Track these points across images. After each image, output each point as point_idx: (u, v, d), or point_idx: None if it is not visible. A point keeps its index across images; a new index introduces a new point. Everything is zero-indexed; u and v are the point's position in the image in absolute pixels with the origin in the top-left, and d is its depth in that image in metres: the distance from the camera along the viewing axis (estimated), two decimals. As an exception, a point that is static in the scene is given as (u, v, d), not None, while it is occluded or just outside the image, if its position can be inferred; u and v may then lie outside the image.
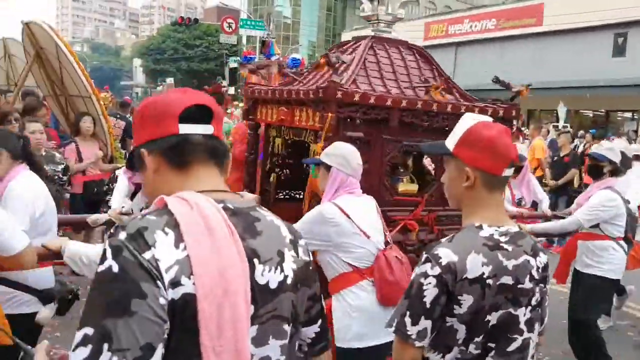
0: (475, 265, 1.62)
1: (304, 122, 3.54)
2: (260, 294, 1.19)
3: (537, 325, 1.78)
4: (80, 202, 6.07)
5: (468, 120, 1.76)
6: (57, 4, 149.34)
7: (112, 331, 1.01)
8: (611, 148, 4.60)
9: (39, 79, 7.36)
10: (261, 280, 1.19)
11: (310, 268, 1.38)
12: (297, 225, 2.58)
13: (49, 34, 6.28)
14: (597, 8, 22.55)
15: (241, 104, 27.07)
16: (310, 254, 1.40)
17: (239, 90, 45.81)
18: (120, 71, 77.65)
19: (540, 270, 1.75)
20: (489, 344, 1.66)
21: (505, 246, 1.68)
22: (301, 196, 4.39)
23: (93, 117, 6.31)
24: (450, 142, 1.76)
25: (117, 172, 5.89)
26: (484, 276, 1.62)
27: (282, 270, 1.24)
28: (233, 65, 42.82)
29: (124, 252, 1.07)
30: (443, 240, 1.73)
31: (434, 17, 38.07)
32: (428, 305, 1.62)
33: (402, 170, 3.95)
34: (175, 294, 1.08)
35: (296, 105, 3.62)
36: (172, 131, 1.23)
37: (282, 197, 4.53)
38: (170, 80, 24.97)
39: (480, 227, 1.70)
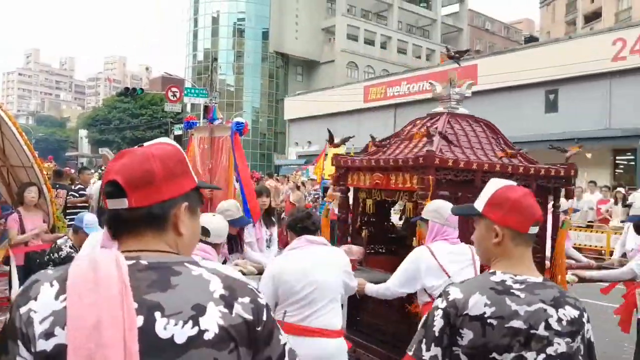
0: (477, 305, 1.78)
1: (400, 185, 4.30)
2: (158, 348, 1.15)
3: None
4: (21, 273, 5.96)
5: (494, 184, 1.98)
6: (3, 78, 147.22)
7: None
8: None
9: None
10: (162, 334, 1.16)
11: (258, 328, 1.27)
12: (400, 267, 3.68)
13: (-11, 105, 6.34)
14: (528, 67, 23.95)
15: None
16: (260, 313, 1.29)
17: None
18: (65, 142, 76.59)
19: (564, 322, 1.81)
20: None
21: (517, 292, 1.81)
22: (383, 250, 5.33)
23: (37, 187, 6.32)
24: (480, 204, 1.96)
25: (58, 241, 5.87)
26: (485, 315, 1.77)
27: (195, 325, 1.18)
28: (178, 132, 42.96)
29: (12, 307, 1.20)
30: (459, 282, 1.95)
31: (373, 80, 39.35)
32: (437, 334, 1.81)
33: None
34: (47, 345, 1.13)
35: (392, 171, 4.37)
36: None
37: (369, 251, 5.13)
38: (104, 150, 24.55)
39: (493, 273, 1.89)
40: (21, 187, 6.40)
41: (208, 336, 1.18)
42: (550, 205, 4.75)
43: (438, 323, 1.82)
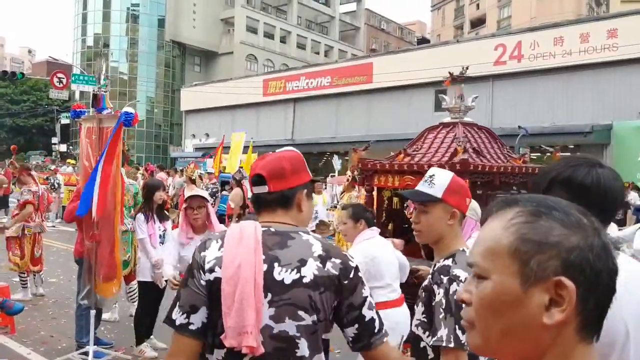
0: None
1: None
2: (274, 286, 1.74)
3: None
4: None
5: (446, 173, 2.33)
6: None
7: (181, 294, 1.81)
8: None
9: None
10: (277, 277, 1.75)
11: (340, 282, 1.77)
12: None
13: None
14: (420, 67, 24.84)
15: (73, 161, 25.30)
16: (346, 272, 1.79)
17: (71, 148, 43.12)
18: None
19: None
20: None
21: None
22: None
23: None
24: (437, 191, 2.27)
25: None
26: None
27: (298, 272, 1.74)
28: (65, 121, 40.45)
29: (195, 252, 1.86)
30: (445, 263, 2.18)
31: (272, 74, 39.22)
32: None
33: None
34: (210, 277, 1.77)
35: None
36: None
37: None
38: None
39: (463, 251, 2.22)
40: None
41: (305, 280, 1.74)
42: None
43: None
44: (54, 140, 41.92)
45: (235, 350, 1.72)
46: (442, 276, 2.13)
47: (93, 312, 5.33)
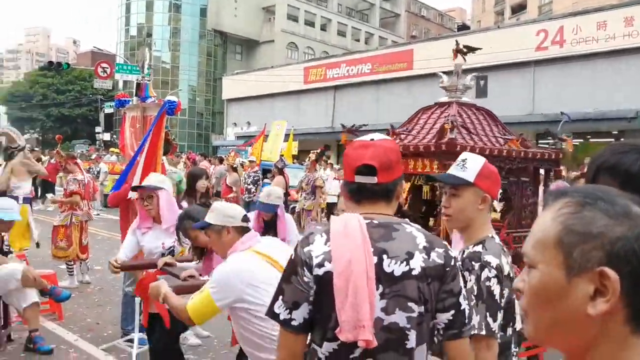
0: (506, 265, 2.19)
1: (419, 169, 4.64)
2: (385, 278, 1.75)
3: None
4: None
5: (478, 159, 2.35)
6: None
7: (284, 289, 1.82)
8: None
9: None
10: (387, 269, 1.75)
11: (447, 269, 1.80)
12: None
13: None
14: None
15: (117, 150, 25.83)
16: (449, 261, 1.82)
17: (115, 137, 43.99)
18: (-19, 119, 71.96)
19: None
20: (511, 326, 2.24)
21: (505, 249, 2.29)
22: None
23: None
24: (469, 175, 2.28)
25: None
26: (510, 274, 2.19)
27: (407, 264, 1.75)
28: (109, 110, 41.26)
29: (297, 247, 1.86)
30: (475, 249, 2.22)
31: (313, 61, 39.10)
32: (499, 301, 2.11)
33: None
34: (320, 271, 1.76)
35: (411, 157, 4.70)
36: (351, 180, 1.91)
37: None
38: (5, 128, 22.65)
39: (493, 238, 2.29)
40: None
41: (414, 272, 1.75)
42: (541, 185, 5.28)
43: (497, 290, 2.12)
44: (98, 129, 42.76)
45: (347, 344, 1.73)
46: (473, 262, 2.17)
47: (138, 299, 5.34)
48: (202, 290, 2.87)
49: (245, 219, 3.12)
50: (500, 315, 2.10)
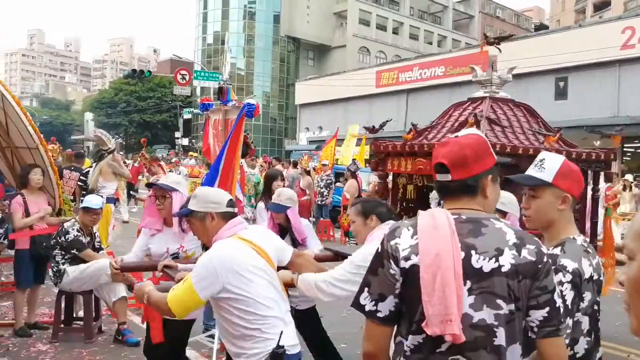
0: (588, 268, 2.11)
1: None
2: (473, 274, 1.73)
3: None
4: (27, 257, 5.74)
5: (557, 158, 2.28)
6: (5, 59, 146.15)
7: (370, 281, 1.85)
8: None
9: (-18, 132, 7.07)
10: (476, 265, 1.74)
11: (539, 266, 1.76)
12: None
13: (-6, 85, 6.06)
14: (538, 54, 23.62)
15: (195, 154, 26.50)
16: (541, 257, 1.78)
17: (193, 142, 45.37)
18: (70, 125, 75.91)
19: None
20: (599, 333, 2.18)
21: (590, 250, 2.20)
22: None
23: (42, 169, 6.05)
24: (547, 175, 2.22)
25: (65, 225, 5.63)
26: (592, 276, 2.12)
27: (497, 261, 1.73)
28: (187, 116, 42.68)
29: (383, 240, 1.88)
30: (554, 251, 2.15)
31: (385, 65, 38.96)
32: (570, 307, 2.03)
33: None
34: (406, 264, 1.78)
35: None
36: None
37: None
38: (97, 131, 23.22)
39: (575, 239, 2.21)
40: (25, 169, 6.11)
41: (504, 269, 1.73)
42: (590, 189, 4.87)
43: (570, 295, 2.05)
44: (177, 134, 44.34)
45: (433, 338, 1.73)
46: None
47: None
48: (184, 280, 2.68)
49: (231, 204, 2.91)
50: (569, 321, 2.03)
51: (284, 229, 4.67)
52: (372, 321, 1.85)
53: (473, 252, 1.75)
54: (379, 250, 1.88)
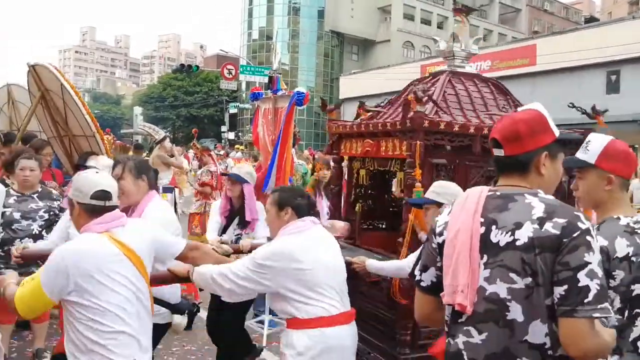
0: (622, 247, 2.11)
1: (390, 152, 3.86)
2: (490, 248, 1.78)
3: None
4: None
5: (603, 137, 2.28)
6: (60, 55, 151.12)
7: (422, 253, 2.06)
8: None
9: (42, 120, 7.38)
10: (494, 240, 1.77)
11: (564, 240, 1.66)
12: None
13: (54, 74, 6.34)
14: (589, 47, 22.98)
15: (241, 147, 26.87)
16: (569, 232, 1.67)
17: (239, 134, 45.92)
18: (120, 119, 77.84)
19: None
20: (637, 310, 2.15)
21: (638, 230, 2.17)
22: (384, 226, 4.76)
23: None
24: (590, 156, 2.25)
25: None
26: (629, 255, 2.11)
27: (512, 235, 1.73)
28: (233, 110, 43.20)
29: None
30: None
31: (430, 59, 38.57)
32: None
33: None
34: (439, 240, 1.94)
35: (382, 137, 3.93)
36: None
37: (366, 227, 4.69)
38: (146, 126, 23.46)
39: (618, 219, 2.21)
40: (82, 157, 6.34)
41: (518, 243, 1.72)
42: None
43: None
44: (223, 128, 44.92)
45: (456, 309, 1.84)
46: None
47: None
48: (33, 276, 2.36)
49: (104, 196, 2.47)
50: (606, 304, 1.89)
51: (233, 210, 4.73)
52: (418, 289, 2.06)
53: (494, 227, 1.79)
54: (431, 225, 2.05)
